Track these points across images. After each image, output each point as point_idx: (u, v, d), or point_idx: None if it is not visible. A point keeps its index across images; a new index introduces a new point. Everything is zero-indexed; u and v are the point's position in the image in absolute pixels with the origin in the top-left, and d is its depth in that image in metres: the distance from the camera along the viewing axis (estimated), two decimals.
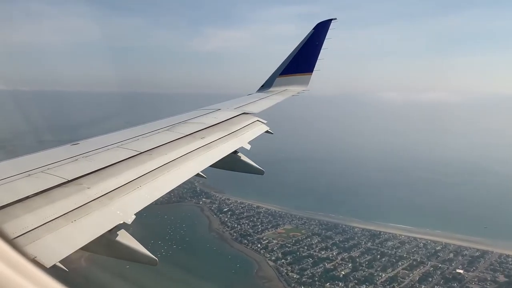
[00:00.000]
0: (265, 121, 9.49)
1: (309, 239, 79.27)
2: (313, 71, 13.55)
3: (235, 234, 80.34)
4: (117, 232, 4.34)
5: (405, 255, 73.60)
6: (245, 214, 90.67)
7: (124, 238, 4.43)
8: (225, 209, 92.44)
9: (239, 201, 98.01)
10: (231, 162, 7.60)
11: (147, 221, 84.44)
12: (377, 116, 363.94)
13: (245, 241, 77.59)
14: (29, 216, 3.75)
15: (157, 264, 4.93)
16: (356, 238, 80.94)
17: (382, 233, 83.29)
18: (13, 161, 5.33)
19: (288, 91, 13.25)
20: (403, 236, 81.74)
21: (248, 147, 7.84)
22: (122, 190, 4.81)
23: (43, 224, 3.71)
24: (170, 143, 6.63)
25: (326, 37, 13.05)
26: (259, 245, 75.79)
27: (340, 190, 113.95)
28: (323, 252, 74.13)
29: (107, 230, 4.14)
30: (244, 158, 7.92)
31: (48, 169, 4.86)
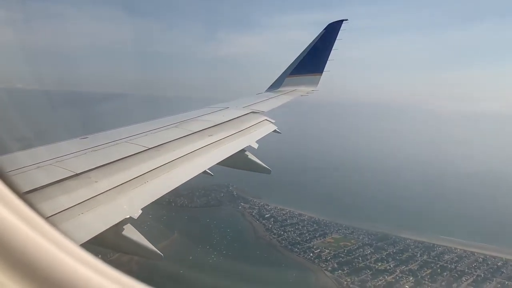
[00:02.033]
0: (273, 120, 9.36)
1: (362, 250, 75.87)
2: (323, 72, 13.33)
3: (283, 242, 77.48)
4: (124, 227, 4.30)
5: (466, 270, 69.64)
6: (288, 221, 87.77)
7: (130, 232, 4.38)
8: (266, 215, 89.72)
9: (278, 207, 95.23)
10: (238, 160, 7.53)
11: (190, 224, 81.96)
12: (418, 127, 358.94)
13: (296, 249, 74.67)
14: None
15: (161, 260, 4.81)
16: (410, 250, 77.11)
17: (436, 245, 79.13)
18: (23, 154, 5.20)
19: (297, 91, 13.08)
20: (459, 250, 77.70)
21: (255, 146, 7.73)
22: (130, 185, 4.74)
23: (50, 216, 3.57)
24: (178, 140, 6.56)
25: (337, 38, 12.73)
26: (311, 254, 72.73)
27: (380, 200, 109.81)
28: (379, 264, 70.62)
29: (113, 224, 4.08)
30: (251, 156, 7.81)
31: (57, 162, 4.81)
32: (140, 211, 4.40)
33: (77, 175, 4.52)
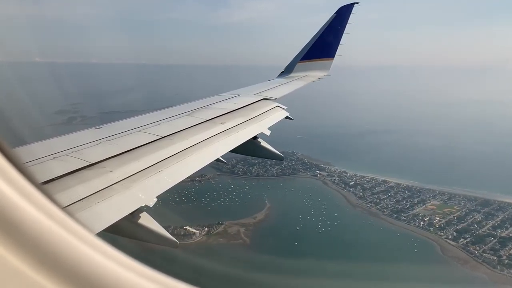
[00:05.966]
0: (285, 107, 9.16)
1: (471, 216, 69.83)
2: (335, 56, 12.96)
3: (385, 210, 71.44)
4: (139, 215, 4.35)
5: None
6: (376, 188, 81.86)
7: (146, 220, 4.42)
8: (351, 183, 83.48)
9: (358, 174, 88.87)
10: (251, 148, 7.52)
11: (276, 194, 75.77)
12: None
13: (402, 217, 69.05)
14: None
15: (178, 247, 4.90)
16: None
17: None
18: (39, 144, 5.26)
19: (309, 77, 12.73)
20: None
21: (268, 132, 7.59)
22: (144, 174, 4.75)
23: (66, 206, 3.60)
24: (191, 128, 6.54)
25: (348, 21, 12.44)
26: (421, 222, 67.14)
27: (451, 163, 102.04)
28: (499, 231, 64.71)
29: (129, 213, 4.10)
30: (264, 143, 7.73)
31: (72, 152, 4.87)
32: (155, 199, 4.37)
33: (92, 165, 4.54)
